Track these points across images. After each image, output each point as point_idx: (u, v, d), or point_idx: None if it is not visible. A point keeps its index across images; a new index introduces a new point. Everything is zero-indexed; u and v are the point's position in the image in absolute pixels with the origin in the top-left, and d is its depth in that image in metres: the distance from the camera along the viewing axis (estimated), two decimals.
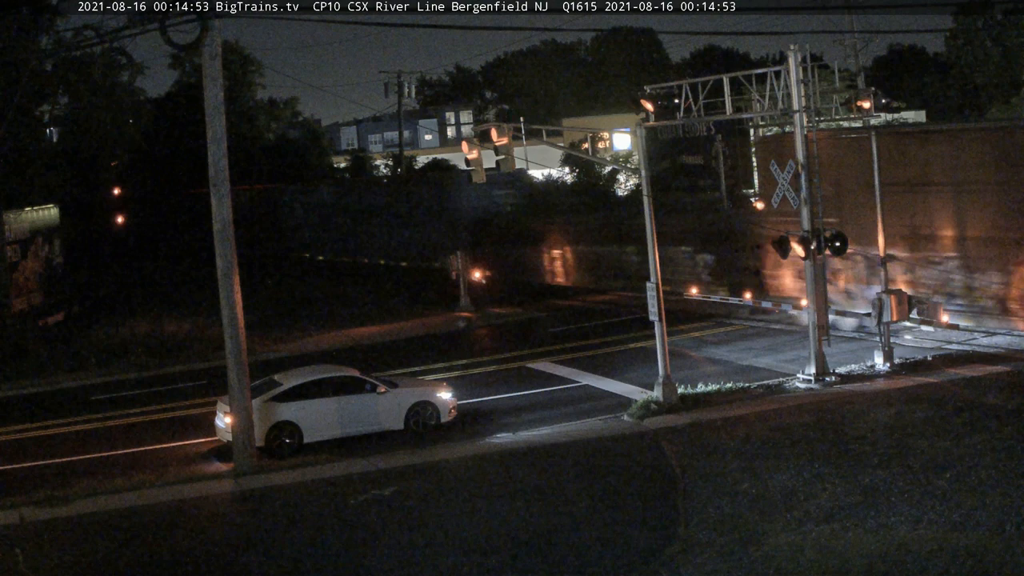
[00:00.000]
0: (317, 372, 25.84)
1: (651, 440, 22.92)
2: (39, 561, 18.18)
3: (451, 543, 17.83)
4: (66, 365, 35.15)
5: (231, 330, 22.70)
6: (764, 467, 20.03)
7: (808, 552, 16.01)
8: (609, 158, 64.89)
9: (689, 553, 16.58)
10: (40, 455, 25.42)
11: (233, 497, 21.33)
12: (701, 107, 27.86)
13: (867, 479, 18.77)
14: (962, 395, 23.86)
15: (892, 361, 27.28)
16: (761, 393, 26.02)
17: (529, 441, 23.66)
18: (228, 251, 22.64)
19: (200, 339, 36.68)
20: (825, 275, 27.69)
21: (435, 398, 25.64)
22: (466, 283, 42.48)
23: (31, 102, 45.19)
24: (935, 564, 15.05)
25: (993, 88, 63.48)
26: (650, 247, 26.14)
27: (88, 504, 20.90)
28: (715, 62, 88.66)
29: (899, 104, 29.38)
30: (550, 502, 19.52)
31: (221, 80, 22.48)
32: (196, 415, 27.83)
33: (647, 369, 27.78)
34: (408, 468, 22.13)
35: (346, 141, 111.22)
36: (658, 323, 25.81)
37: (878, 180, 28.73)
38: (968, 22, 63.55)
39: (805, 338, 27.73)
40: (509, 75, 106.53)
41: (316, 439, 24.37)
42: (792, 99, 26.57)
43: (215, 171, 22.54)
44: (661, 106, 27.64)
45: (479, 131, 27.21)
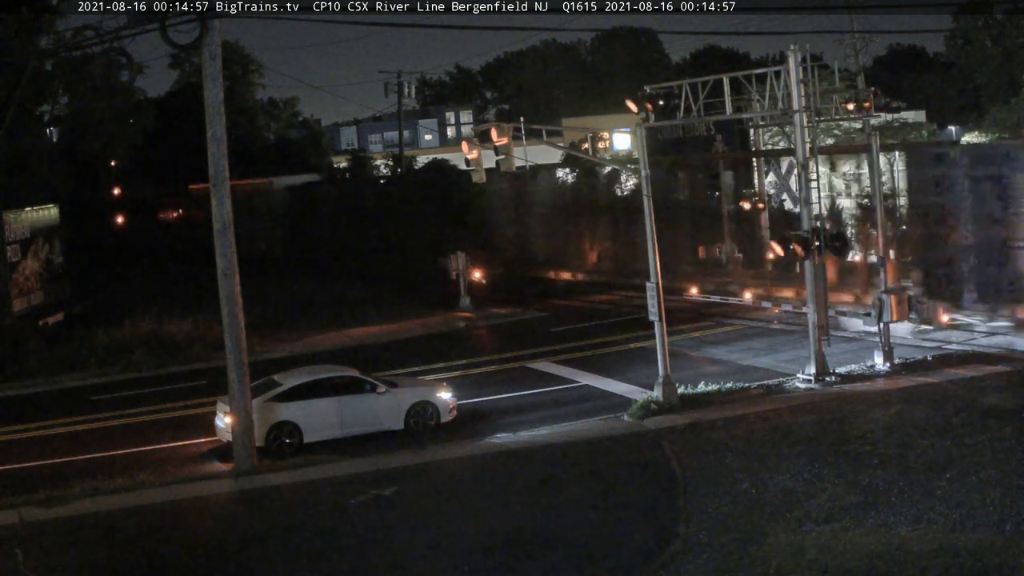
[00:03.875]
0: (317, 372, 25.84)
1: (651, 440, 22.92)
2: (39, 561, 18.17)
3: (451, 543, 17.83)
4: (66, 365, 35.12)
5: (231, 330, 22.69)
6: (764, 467, 20.03)
7: (808, 552, 16.00)
8: (609, 158, 64.84)
9: (689, 553, 16.58)
10: (40, 455, 25.41)
11: (233, 497, 21.32)
12: (701, 107, 27.86)
13: (867, 479, 18.78)
14: (962, 395, 23.85)
15: (892, 361, 27.27)
16: (761, 393, 26.01)
17: (529, 441, 23.65)
18: (228, 251, 22.64)
19: (200, 339, 36.63)
20: (824, 275, 27.66)
21: (435, 398, 25.63)
22: (466, 283, 42.49)
23: (31, 102, 45.18)
24: (935, 564, 15.04)
25: (993, 88, 63.48)
26: (650, 247, 26.12)
27: (88, 504, 20.89)
28: (715, 62, 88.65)
29: (899, 104, 29.29)
30: (550, 502, 19.52)
31: (221, 80, 22.48)
32: (196, 415, 27.82)
33: (647, 369, 27.76)
34: (408, 468, 22.13)
35: (346, 141, 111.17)
36: (658, 323, 25.80)
37: (878, 186, 28.73)
38: (968, 22, 63.55)
39: (805, 338, 27.72)
40: (509, 75, 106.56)
41: (316, 439, 24.36)
42: (792, 99, 26.56)
43: (215, 171, 22.53)
44: (661, 106, 27.61)
45: (479, 131, 27.21)
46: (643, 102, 27.40)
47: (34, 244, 42.61)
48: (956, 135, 71.87)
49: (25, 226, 41.94)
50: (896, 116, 48.33)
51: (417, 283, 49.83)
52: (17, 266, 40.67)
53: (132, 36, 23.52)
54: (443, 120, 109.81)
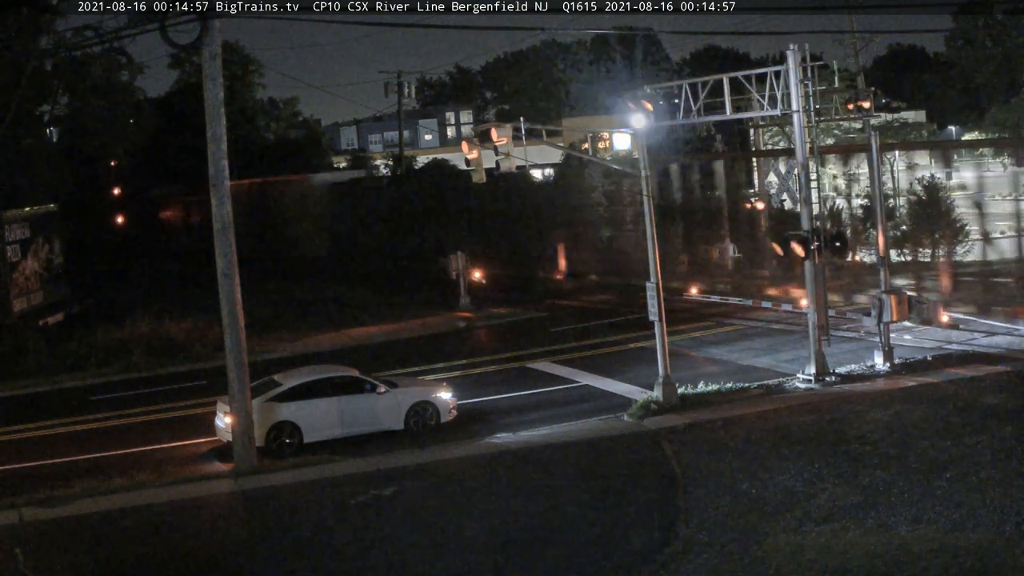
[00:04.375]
0: (317, 372, 25.84)
1: (651, 440, 22.91)
2: (39, 561, 18.16)
3: (451, 543, 17.83)
4: (66, 365, 35.11)
5: (231, 330, 22.68)
6: (764, 467, 20.03)
7: (808, 552, 16.00)
8: (609, 158, 64.84)
9: (689, 553, 16.58)
10: (40, 455, 25.40)
11: (233, 497, 21.30)
12: (701, 107, 27.85)
13: (867, 479, 18.78)
14: (962, 395, 23.85)
15: (892, 361, 27.27)
16: (761, 393, 26.01)
17: (529, 441, 23.65)
18: (228, 251, 22.63)
19: (200, 339, 36.63)
20: (824, 275, 27.65)
21: (435, 398, 25.63)
22: (466, 283, 42.48)
23: (31, 102, 45.15)
24: (935, 564, 15.05)
25: (993, 88, 63.54)
26: (650, 247, 26.12)
27: (88, 504, 20.87)
28: (715, 62, 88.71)
29: (899, 104, 29.27)
30: (550, 502, 19.52)
31: (221, 80, 22.46)
32: (196, 415, 27.80)
33: (647, 369, 27.76)
34: (408, 468, 22.11)
35: (346, 141, 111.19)
36: (658, 323, 25.79)
37: (878, 188, 28.72)
38: (968, 22, 63.62)
39: (805, 338, 27.71)
40: (509, 75, 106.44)
41: (316, 439, 24.36)
42: (792, 99, 26.55)
43: (215, 171, 22.53)
44: (660, 106, 27.59)
45: (479, 131, 27.18)
46: (643, 102, 27.38)
47: (34, 244, 42.61)
48: (956, 135, 71.89)
49: (25, 226, 41.95)
50: (896, 116, 48.39)
51: (417, 283, 49.82)
52: (17, 266, 40.67)
53: (132, 36, 23.60)
54: (443, 120, 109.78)
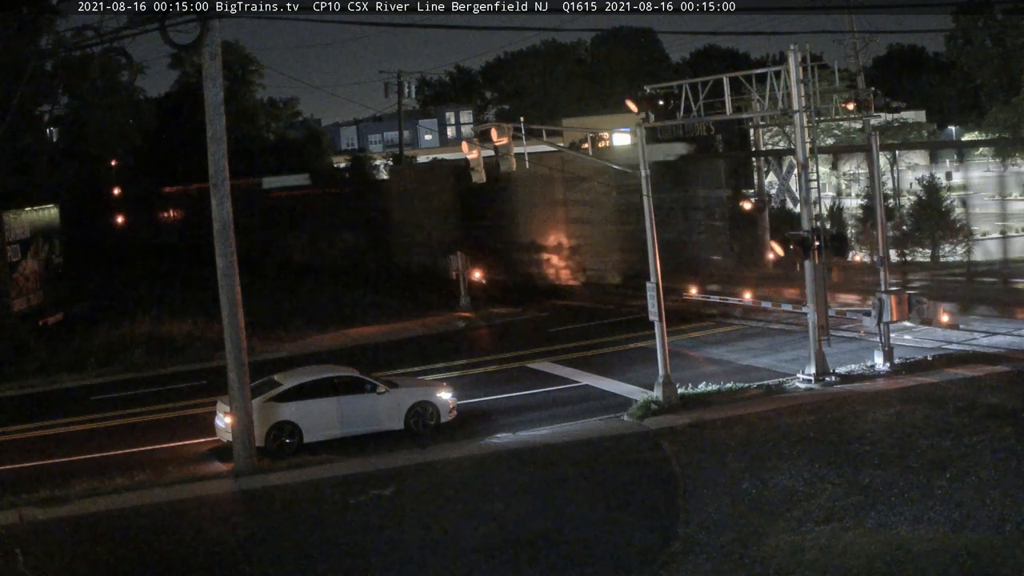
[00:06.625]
0: (317, 372, 25.83)
1: (651, 440, 22.91)
2: (39, 561, 18.16)
3: (451, 543, 17.83)
4: (66, 365, 35.10)
5: (231, 330, 22.67)
6: (764, 467, 20.03)
7: (808, 552, 16.00)
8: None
9: (689, 553, 16.58)
10: (40, 455, 25.39)
11: (233, 497, 21.31)
12: (701, 107, 27.84)
13: (867, 479, 18.78)
14: (962, 395, 23.85)
15: (892, 361, 27.27)
16: (761, 393, 26.01)
17: (529, 441, 23.65)
18: (228, 251, 22.63)
19: (200, 339, 36.64)
20: (824, 275, 27.65)
21: (435, 398, 25.63)
22: (466, 283, 42.48)
23: (31, 102, 45.14)
24: (935, 564, 15.05)
25: (993, 88, 63.53)
26: (650, 247, 26.12)
27: (88, 504, 20.87)
28: (715, 62, 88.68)
29: (899, 104, 29.25)
30: (550, 502, 19.52)
31: (221, 80, 22.47)
32: (196, 415, 27.80)
33: (647, 369, 27.76)
34: (408, 468, 22.11)
35: (346, 141, 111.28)
36: (658, 323, 25.80)
37: (878, 186, 28.71)
38: (968, 22, 63.59)
39: (805, 338, 27.71)
40: (509, 75, 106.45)
41: (316, 439, 24.36)
42: (792, 99, 26.55)
43: (215, 170, 22.53)
44: (660, 106, 27.59)
45: (479, 131, 27.23)
46: (643, 102, 27.40)
47: (34, 244, 42.61)
48: (956, 135, 71.89)
49: (25, 226, 41.94)
50: (896, 116, 48.33)
51: (417, 283, 49.83)
52: (17, 266, 40.66)
53: (132, 36, 23.53)
54: (443, 120, 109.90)
